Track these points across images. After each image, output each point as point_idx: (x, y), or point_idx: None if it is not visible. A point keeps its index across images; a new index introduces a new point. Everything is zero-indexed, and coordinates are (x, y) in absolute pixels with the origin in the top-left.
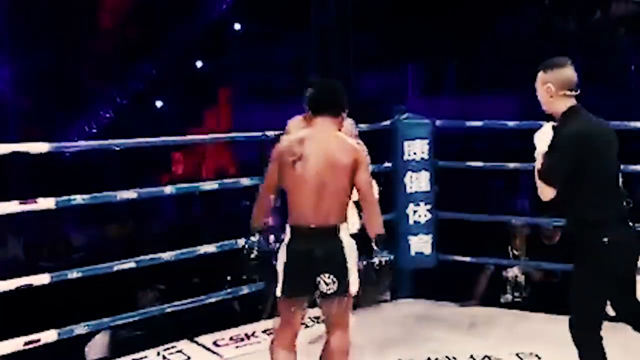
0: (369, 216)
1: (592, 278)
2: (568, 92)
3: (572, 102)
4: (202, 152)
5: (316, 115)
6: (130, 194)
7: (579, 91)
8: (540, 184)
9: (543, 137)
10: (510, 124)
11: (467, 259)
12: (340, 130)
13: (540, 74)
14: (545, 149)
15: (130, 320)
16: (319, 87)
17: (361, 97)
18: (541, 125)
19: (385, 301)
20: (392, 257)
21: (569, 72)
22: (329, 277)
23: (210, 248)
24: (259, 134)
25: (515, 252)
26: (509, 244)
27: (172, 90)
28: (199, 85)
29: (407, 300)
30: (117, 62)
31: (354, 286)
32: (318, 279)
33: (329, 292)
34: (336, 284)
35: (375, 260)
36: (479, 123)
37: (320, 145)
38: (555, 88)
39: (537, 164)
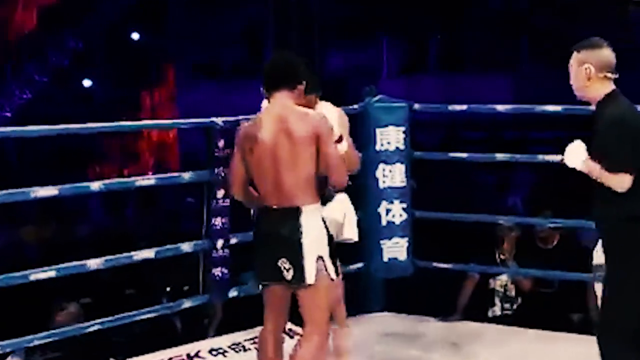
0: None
1: (628, 280)
2: (609, 75)
3: (612, 86)
4: (146, 140)
5: (271, 91)
6: (49, 191)
7: (617, 75)
8: (615, 178)
9: (577, 152)
10: (500, 108)
11: (449, 265)
12: (305, 105)
13: (576, 55)
14: (584, 158)
15: (48, 340)
16: (270, 61)
17: (326, 76)
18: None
19: (353, 315)
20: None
21: (607, 52)
22: (286, 262)
23: (146, 254)
24: (206, 120)
25: (503, 257)
26: (496, 248)
27: (103, 67)
28: (136, 61)
29: (379, 315)
30: (35, 33)
31: (309, 277)
32: (278, 263)
33: (287, 278)
34: (291, 271)
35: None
36: (462, 107)
37: (276, 122)
38: (595, 69)
39: (595, 172)
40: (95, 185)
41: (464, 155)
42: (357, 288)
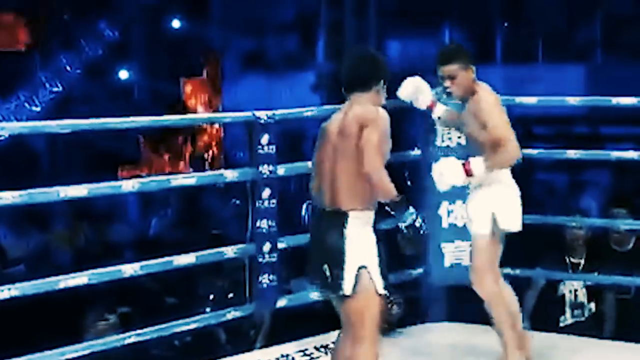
0: None
1: None
2: None
3: None
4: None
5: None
6: (79, 191)
7: None
8: None
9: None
10: (572, 100)
11: (516, 271)
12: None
13: None
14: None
15: (80, 353)
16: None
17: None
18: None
19: (413, 324)
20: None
21: None
22: (327, 269)
23: (187, 259)
24: (248, 114)
25: (573, 260)
26: (566, 251)
27: (141, 57)
28: (177, 51)
29: (440, 325)
30: (67, 20)
31: (348, 285)
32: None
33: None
34: (329, 279)
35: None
36: (531, 100)
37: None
38: None
39: None
40: (128, 185)
41: (534, 152)
42: (417, 296)
